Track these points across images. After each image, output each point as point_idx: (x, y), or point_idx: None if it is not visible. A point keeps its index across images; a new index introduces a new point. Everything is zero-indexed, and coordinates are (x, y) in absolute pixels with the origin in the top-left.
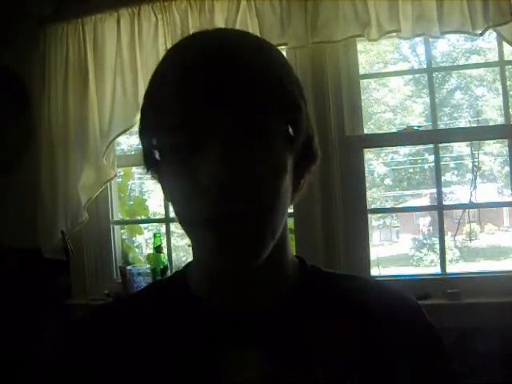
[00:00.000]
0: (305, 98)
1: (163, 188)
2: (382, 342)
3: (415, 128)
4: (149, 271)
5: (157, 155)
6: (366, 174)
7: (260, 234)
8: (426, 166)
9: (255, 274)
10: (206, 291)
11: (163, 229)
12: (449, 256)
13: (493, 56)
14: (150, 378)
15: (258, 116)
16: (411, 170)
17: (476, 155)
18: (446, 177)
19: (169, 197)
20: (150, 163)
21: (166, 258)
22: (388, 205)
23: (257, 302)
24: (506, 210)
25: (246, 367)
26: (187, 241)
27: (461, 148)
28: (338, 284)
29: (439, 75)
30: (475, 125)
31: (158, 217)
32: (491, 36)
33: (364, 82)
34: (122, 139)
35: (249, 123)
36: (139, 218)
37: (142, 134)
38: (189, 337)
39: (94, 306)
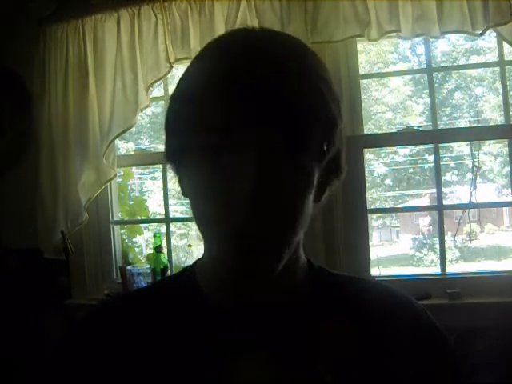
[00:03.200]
0: (341, 113)
1: (181, 183)
2: (387, 343)
3: (415, 128)
4: (149, 271)
5: (185, 150)
6: (366, 174)
7: (279, 251)
8: (426, 166)
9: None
10: (214, 290)
11: (163, 229)
12: (449, 256)
13: (493, 56)
14: (154, 377)
15: (299, 133)
16: (411, 170)
17: (476, 155)
18: (446, 177)
19: (189, 193)
20: (172, 156)
21: (166, 257)
22: (388, 205)
23: (264, 302)
24: (506, 210)
25: (252, 367)
26: (187, 241)
27: (461, 148)
28: (344, 285)
29: (439, 75)
30: (475, 125)
31: (158, 217)
32: (491, 36)
33: (364, 82)
34: (119, 143)
35: (290, 138)
36: (139, 218)
37: (171, 126)
38: (194, 336)
39: (95, 305)
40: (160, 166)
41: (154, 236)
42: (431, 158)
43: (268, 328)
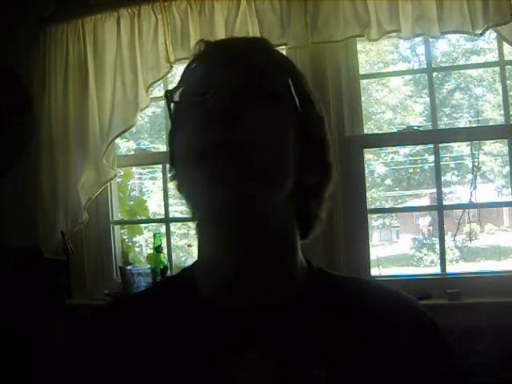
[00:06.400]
0: (312, 95)
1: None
2: (386, 343)
3: (415, 128)
4: (149, 271)
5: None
6: (366, 175)
7: (253, 169)
8: (426, 166)
9: (265, 272)
10: (211, 290)
11: (163, 229)
12: (449, 256)
13: (493, 56)
14: (153, 377)
15: (262, 79)
16: (411, 170)
17: (476, 155)
18: (446, 177)
19: (179, 144)
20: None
21: (166, 257)
22: (388, 205)
23: (263, 301)
24: (506, 209)
25: (249, 368)
26: (187, 241)
27: (461, 148)
28: (344, 286)
29: (439, 75)
30: (475, 125)
31: (157, 217)
32: (491, 36)
33: (364, 82)
34: (120, 143)
35: (257, 83)
36: (139, 218)
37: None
38: (191, 337)
39: (95, 305)
40: (160, 166)
41: (154, 236)
42: (431, 158)
43: (266, 329)
